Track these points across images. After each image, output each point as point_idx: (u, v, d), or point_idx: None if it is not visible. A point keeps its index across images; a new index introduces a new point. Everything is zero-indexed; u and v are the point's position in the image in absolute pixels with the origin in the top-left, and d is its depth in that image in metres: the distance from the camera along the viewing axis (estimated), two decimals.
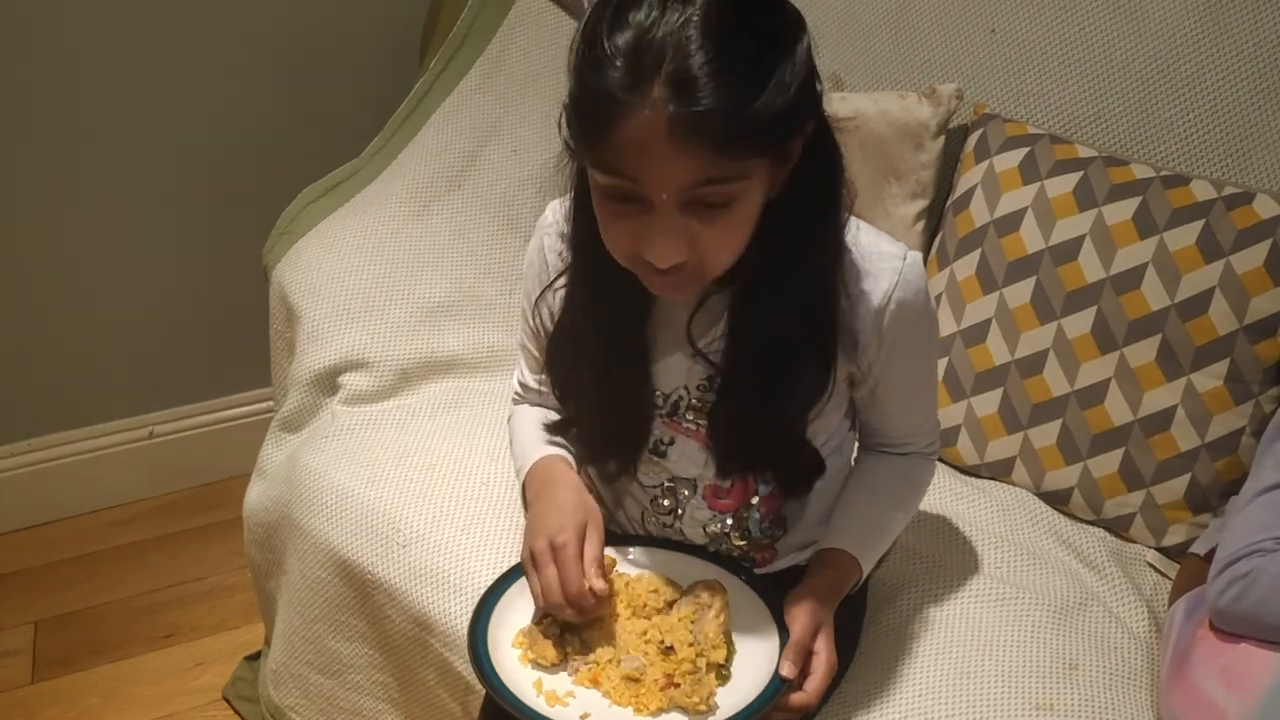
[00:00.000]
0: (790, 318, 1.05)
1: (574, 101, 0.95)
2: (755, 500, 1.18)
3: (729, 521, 1.19)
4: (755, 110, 0.90)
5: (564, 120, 0.97)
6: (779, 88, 0.91)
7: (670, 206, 0.94)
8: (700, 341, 1.10)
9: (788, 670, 1.04)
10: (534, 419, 1.29)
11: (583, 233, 1.07)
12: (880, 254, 1.08)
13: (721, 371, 1.11)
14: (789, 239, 1.02)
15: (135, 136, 2.10)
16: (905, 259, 1.08)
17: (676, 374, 1.14)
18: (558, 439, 1.26)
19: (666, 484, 1.19)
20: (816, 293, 1.06)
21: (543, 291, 1.18)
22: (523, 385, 1.32)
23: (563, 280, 1.16)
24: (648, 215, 0.95)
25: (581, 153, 0.97)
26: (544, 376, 1.25)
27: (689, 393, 1.14)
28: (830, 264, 1.06)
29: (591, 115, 0.93)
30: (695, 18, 0.89)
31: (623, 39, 0.90)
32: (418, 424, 1.56)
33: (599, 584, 1.08)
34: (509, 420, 1.35)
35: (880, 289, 1.07)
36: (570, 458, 1.24)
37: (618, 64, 0.90)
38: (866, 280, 1.07)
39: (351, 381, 1.60)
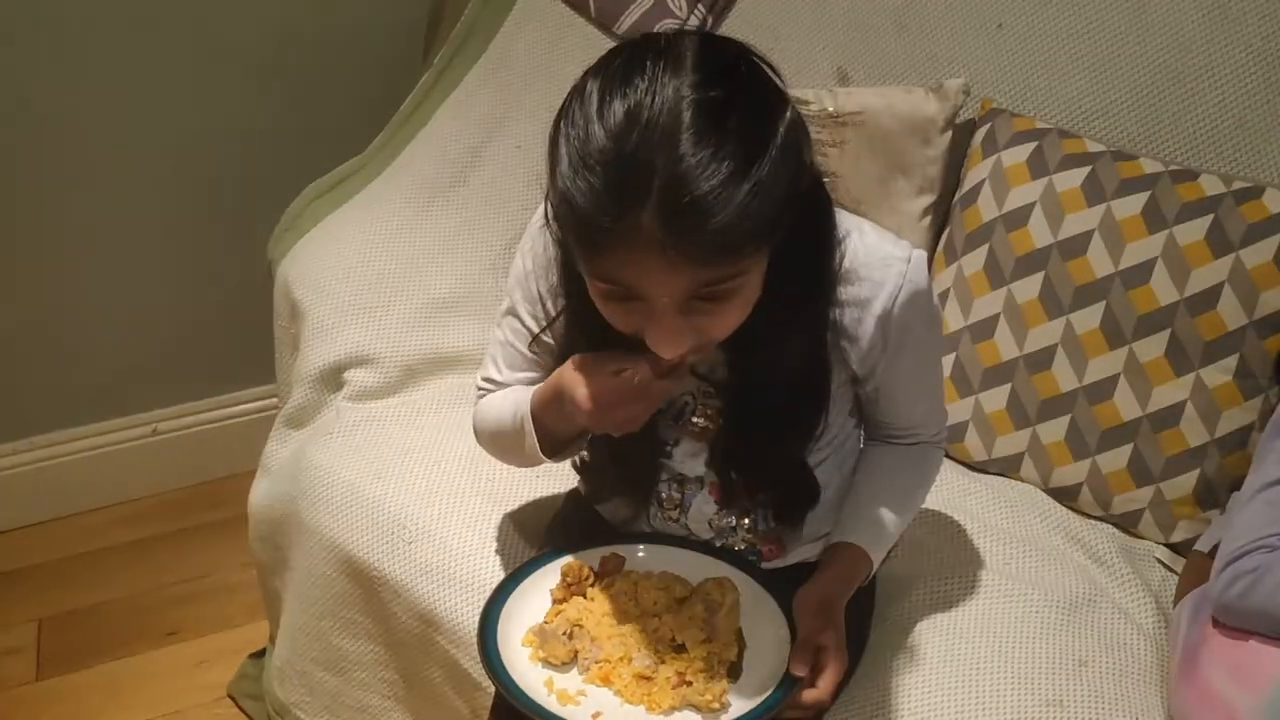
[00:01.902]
0: (789, 361, 1.05)
1: (560, 213, 0.93)
2: (761, 496, 1.18)
3: (735, 516, 1.19)
4: (752, 217, 0.87)
5: (549, 214, 0.96)
6: (774, 181, 0.88)
7: (670, 308, 0.93)
8: (701, 370, 1.11)
9: (798, 669, 1.03)
10: (513, 391, 1.22)
11: (575, 285, 1.05)
12: (884, 258, 1.07)
13: (724, 416, 1.11)
14: (785, 285, 1.00)
15: (138, 133, 2.10)
16: (909, 261, 1.07)
17: (681, 385, 1.13)
18: None
19: (673, 480, 1.19)
20: (813, 335, 1.06)
21: (549, 324, 1.15)
22: (490, 381, 1.24)
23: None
24: (647, 311, 0.94)
25: (578, 248, 0.94)
26: (523, 375, 1.22)
27: (694, 399, 1.14)
28: (823, 310, 1.05)
29: (579, 236, 0.91)
30: (681, 125, 0.86)
31: (604, 152, 0.87)
32: (423, 420, 1.56)
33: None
34: (480, 403, 1.26)
35: (884, 293, 1.06)
36: None
37: (599, 187, 0.87)
38: (869, 286, 1.06)
39: (356, 378, 1.60)
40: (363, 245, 1.70)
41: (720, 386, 1.12)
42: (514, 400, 1.18)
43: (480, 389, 1.26)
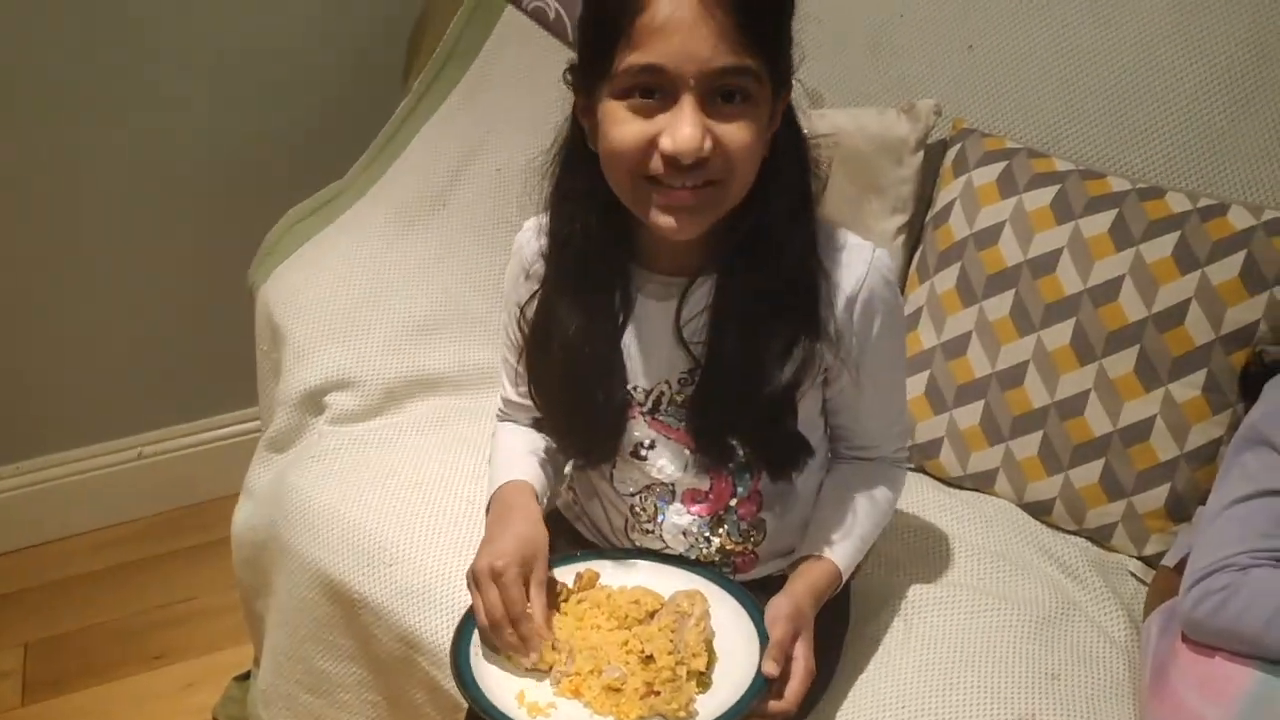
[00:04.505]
0: (772, 285, 1.08)
1: (595, 7, 1.02)
2: (734, 503, 1.19)
3: (708, 525, 1.20)
4: (773, 12, 1.00)
5: (568, 74, 1.06)
6: (786, 19, 1.02)
7: (694, 94, 0.98)
8: (685, 328, 1.12)
9: (769, 668, 1.04)
10: (513, 440, 1.30)
11: (565, 219, 1.12)
12: (851, 246, 1.12)
13: (705, 348, 1.12)
14: (768, 207, 1.07)
15: (122, 159, 2.11)
16: (874, 250, 1.13)
17: (659, 367, 1.15)
18: (539, 456, 1.27)
19: (645, 489, 1.20)
20: (796, 261, 1.09)
21: (529, 299, 1.19)
22: (505, 401, 1.33)
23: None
24: (667, 111, 0.99)
25: (606, 52, 1.00)
26: (523, 388, 1.26)
27: (670, 387, 1.16)
28: (807, 234, 1.09)
29: (615, 17, 0.98)
30: None
31: None
32: (404, 442, 1.56)
33: (534, 625, 1.10)
34: (494, 436, 1.35)
35: (853, 276, 1.11)
36: (539, 486, 1.24)
37: None
38: (839, 270, 1.11)
39: (337, 401, 1.61)
40: (343, 269, 1.71)
41: (696, 370, 1.13)
42: (497, 472, 1.26)
43: (499, 411, 1.35)
